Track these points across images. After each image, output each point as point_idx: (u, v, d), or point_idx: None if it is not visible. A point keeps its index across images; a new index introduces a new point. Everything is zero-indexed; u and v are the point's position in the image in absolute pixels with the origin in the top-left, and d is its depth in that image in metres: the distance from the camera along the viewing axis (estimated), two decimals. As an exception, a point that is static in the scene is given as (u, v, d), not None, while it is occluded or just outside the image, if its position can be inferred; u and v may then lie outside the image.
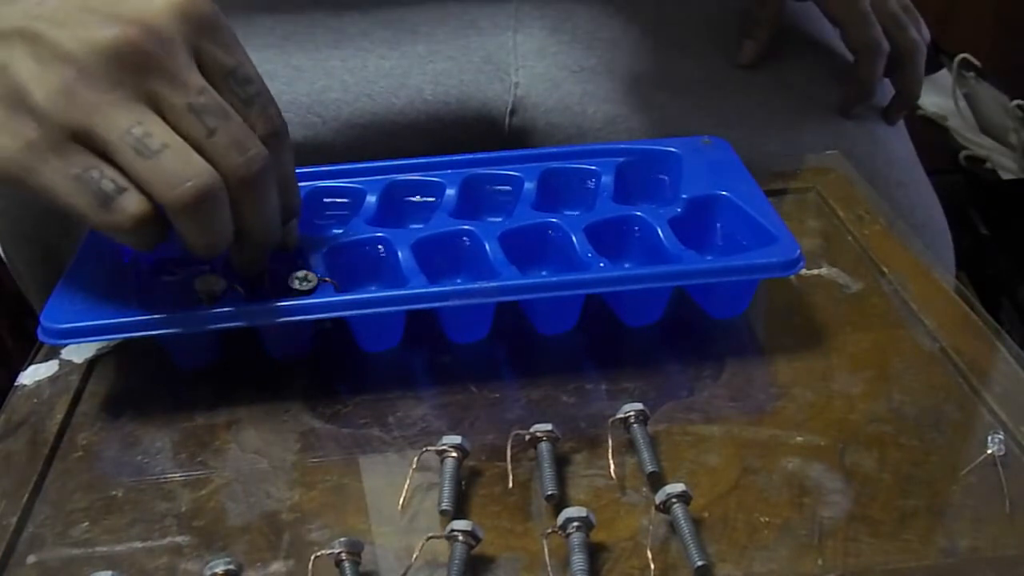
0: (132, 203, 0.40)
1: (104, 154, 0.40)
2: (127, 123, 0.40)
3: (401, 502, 0.40)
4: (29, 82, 0.40)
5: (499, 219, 0.53)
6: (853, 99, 0.69)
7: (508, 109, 0.69)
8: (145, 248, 0.42)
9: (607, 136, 0.67)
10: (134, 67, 0.40)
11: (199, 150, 0.41)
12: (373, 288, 0.50)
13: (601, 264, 0.47)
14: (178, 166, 0.40)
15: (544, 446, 0.41)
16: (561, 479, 0.41)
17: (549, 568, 0.36)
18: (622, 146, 0.57)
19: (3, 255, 0.74)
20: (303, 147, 0.67)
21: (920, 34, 0.70)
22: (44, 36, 0.40)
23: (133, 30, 0.40)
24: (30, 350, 0.50)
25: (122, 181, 0.40)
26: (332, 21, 0.71)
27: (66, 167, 0.40)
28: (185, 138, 0.40)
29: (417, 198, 0.55)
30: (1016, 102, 1.34)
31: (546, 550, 0.37)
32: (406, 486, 0.41)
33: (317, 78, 0.68)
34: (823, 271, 0.54)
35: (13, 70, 0.40)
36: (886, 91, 0.72)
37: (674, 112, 0.67)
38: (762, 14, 0.70)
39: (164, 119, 0.40)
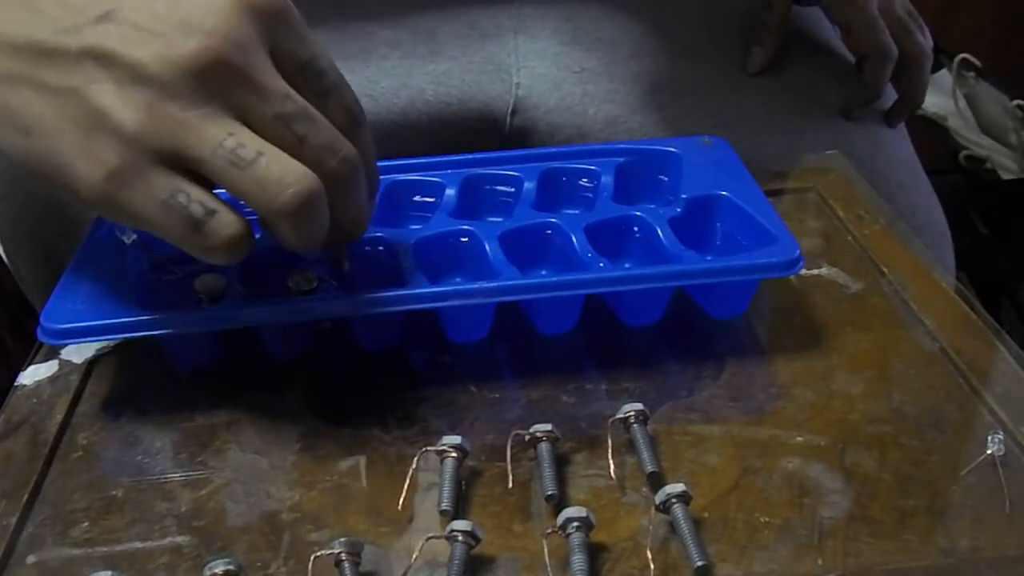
0: (224, 225, 0.39)
1: (194, 173, 0.39)
2: (218, 137, 0.38)
3: (401, 502, 0.40)
4: (110, 105, 0.38)
5: (499, 219, 0.53)
6: (857, 102, 0.69)
7: (509, 110, 0.69)
8: (232, 262, 0.41)
9: (608, 136, 0.67)
10: (218, 81, 0.38)
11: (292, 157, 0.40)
12: (373, 288, 0.50)
13: (601, 264, 0.47)
14: (278, 173, 0.38)
15: (544, 446, 0.41)
16: (561, 479, 0.41)
17: (549, 568, 0.36)
18: (622, 146, 0.57)
19: (4, 255, 0.74)
20: None
21: (925, 39, 0.70)
22: (120, 56, 0.38)
23: (213, 42, 0.38)
24: (30, 350, 0.50)
25: (211, 203, 0.39)
26: (334, 20, 0.71)
27: (152, 193, 0.38)
28: (277, 147, 0.39)
29: (417, 198, 0.55)
30: (1016, 102, 1.34)
31: (546, 550, 0.37)
32: (406, 486, 0.41)
33: None
34: (823, 271, 0.54)
35: (90, 94, 0.38)
36: (888, 94, 0.72)
37: (674, 112, 0.67)
38: (770, 20, 0.70)
39: (252, 129, 0.39)
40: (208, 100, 0.38)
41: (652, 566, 0.37)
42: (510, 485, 0.41)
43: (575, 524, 0.37)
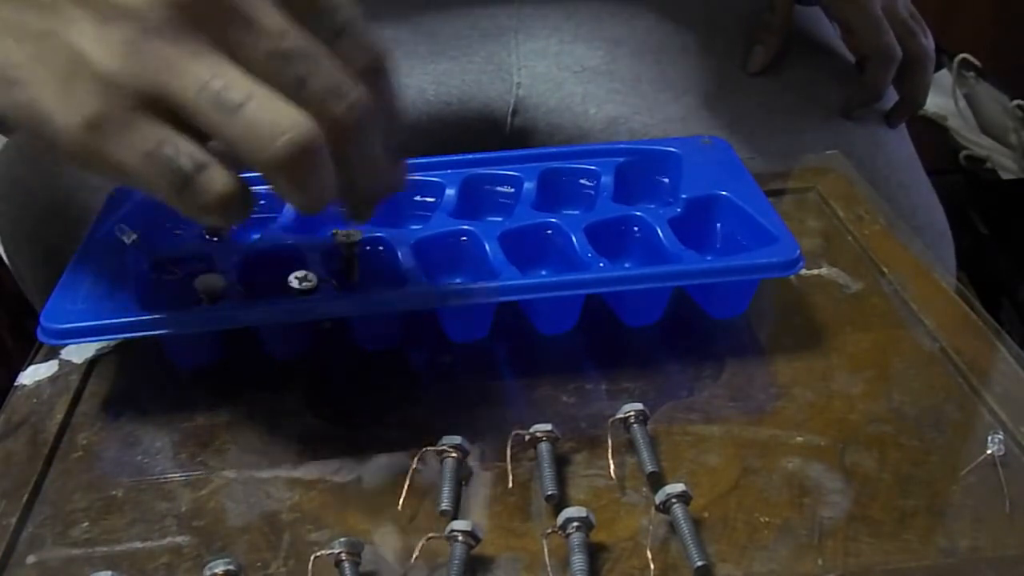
0: (215, 181, 0.35)
1: (180, 119, 0.35)
2: (203, 77, 0.34)
3: (401, 502, 0.40)
4: (88, 46, 0.34)
5: (499, 219, 0.53)
6: (858, 103, 0.69)
7: (510, 109, 0.69)
8: (229, 225, 0.37)
9: (608, 136, 0.67)
10: (205, 14, 0.34)
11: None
12: (373, 288, 0.50)
13: (601, 264, 0.47)
14: (268, 118, 0.34)
15: (544, 446, 0.41)
16: (561, 479, 0.41)
17: (549, 568, 0.36)
18: (622, 146, 0.57)
19: (4, 255, 0.74)
20: None
21: (927, 41, 0.70)
22: None
23: None
24: (30, 350, 0.50)
25: (200, 156, 0.35)
26: None
27: (136, 143, 0.35)
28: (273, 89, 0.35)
29: (417, 198, 0.55)
30: (1016, 102, 1.34)
31: (546, 550, 0.37)
32: (406, 486, 0.41)
33: None
34: (823, 271, 0.54)
35: (66, 35, 0.35)
36: (888, 94, 0.72)
37: (676, 113, 0.67)
38: (772, 19, 0.70)
39: (247, 70, 0.35)
40: (193, 36, 0.34)
41: (652, 566, 0.37)
42: (510, 485, 0.41)
43: (575, 524, 0.37)
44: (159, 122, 0.35)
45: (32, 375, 0.49)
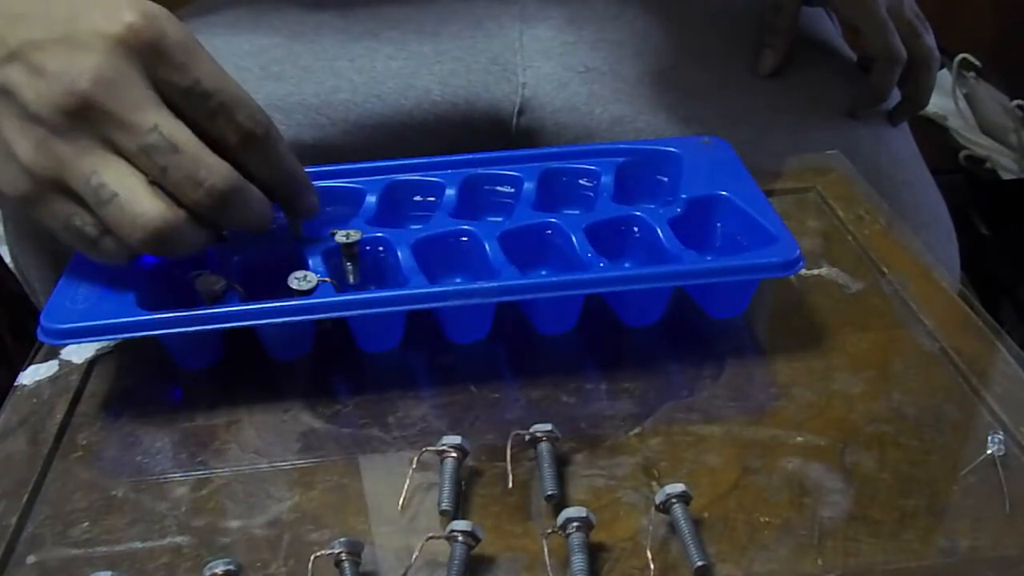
0: (110, 248, 0.44)
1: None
2: (86, 174, 0.42)
3: (401, 502, 0.40)
4: (13, 138, 0.43)
5: (499, 219, 0.53)
6: (863, 104, 0.69)
7: (516, 110, 0.69)
8: (149, 253, 0.45)
9: (614, 137, 0.66)
10: (87, 119, 0.42)
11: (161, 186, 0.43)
12: (373, 288, 0.50)
13: (601, 264, 0.47)
14: (130, 211, 0.42)
15: (544, 446, 0.41)
16: (561, 479, 0.41)
17: (549, 568, 0.36)
18: (622, 146, 0.57)
19: (11, 259, 0.74)
20: (312, 149, 0.67)
21: (932, 42, 0.70)
22: (17, 95, 0.42)
23: (81, 84, 0.42)
24: (30, 350, 0.50)
25: (101, 225, 0.44)
26: (338, 21, 0.71)
27: (55, 215, 0.44)
28: (146, 178, 0.43)
29: (417, 198, 0.55)
30: (1016, 102, 1.34)
31: (546, 550, 0.37)
32: (406, 486, 0.41)
33: (326, 78, 0.68)
34: (823, 271, 0.54)
35: (1, 124, 0.43)
36: (892, 93, 0.72)
37: (681, 113, 0.67)
38: (779, 21, 0.70)
39: (129, 161, 0.43)
40: (82, 136, 0.42)
41: (652, 566, 0.37)
42: (510, 485, 0.41)
43: (575, 524, 0.37)
44: (68, 199, 0.44)
45: (32, 375, 0.49)
